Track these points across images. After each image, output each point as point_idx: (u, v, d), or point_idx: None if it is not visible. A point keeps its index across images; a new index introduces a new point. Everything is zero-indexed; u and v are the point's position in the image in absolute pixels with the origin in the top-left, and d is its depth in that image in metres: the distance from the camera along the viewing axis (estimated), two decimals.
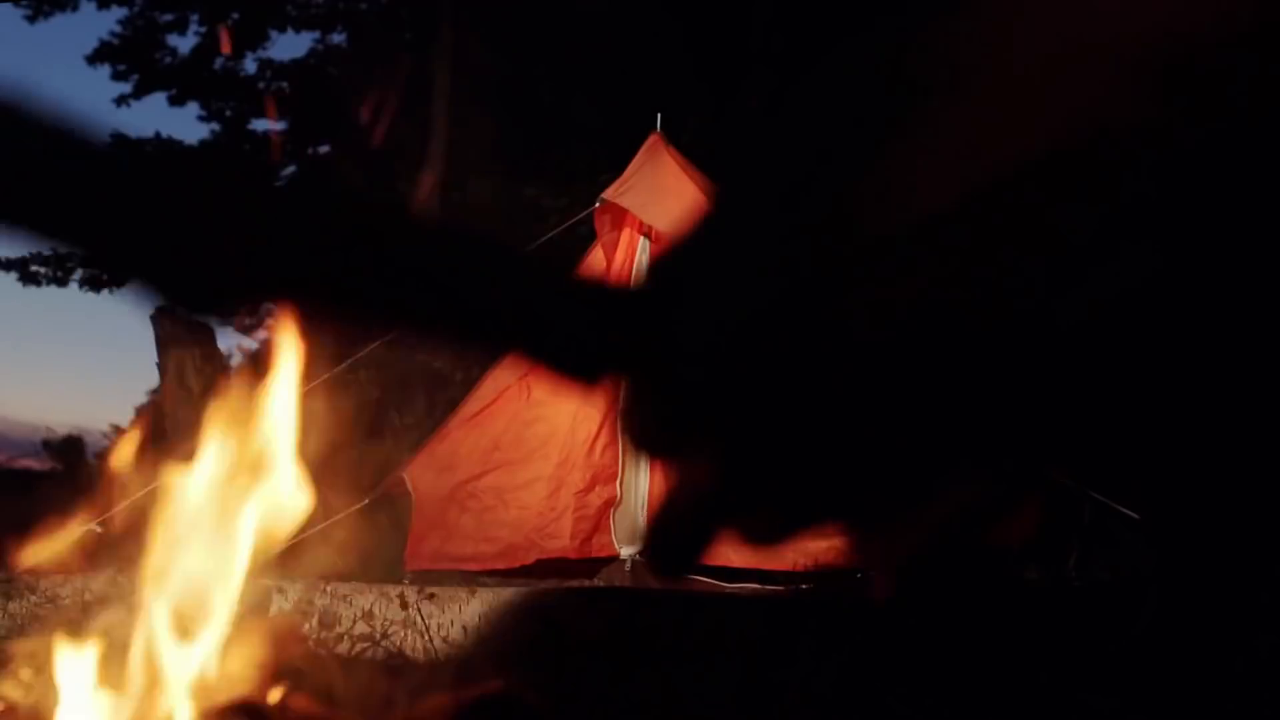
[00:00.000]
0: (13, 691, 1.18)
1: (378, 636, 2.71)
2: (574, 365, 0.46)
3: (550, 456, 5.03)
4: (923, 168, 0.37)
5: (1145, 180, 0.36)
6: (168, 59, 14.84)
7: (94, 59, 14.60)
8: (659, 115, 5.17)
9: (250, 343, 18.06)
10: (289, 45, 60.05)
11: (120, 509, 4.83)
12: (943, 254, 0.37)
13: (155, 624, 1.10)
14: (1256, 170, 0.36)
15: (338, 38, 15.26)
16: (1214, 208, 0.37)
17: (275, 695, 1.10)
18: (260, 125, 15.81)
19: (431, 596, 3.09)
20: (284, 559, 1.65)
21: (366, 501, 5.16)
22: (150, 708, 1.08)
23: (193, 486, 1.15)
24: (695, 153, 5.52)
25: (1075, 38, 0.36)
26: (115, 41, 14.52)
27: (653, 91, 6.73)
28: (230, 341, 19.16)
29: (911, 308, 0.38)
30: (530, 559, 4.92)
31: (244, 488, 1.19)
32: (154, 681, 1.09)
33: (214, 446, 1.13)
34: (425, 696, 1.13)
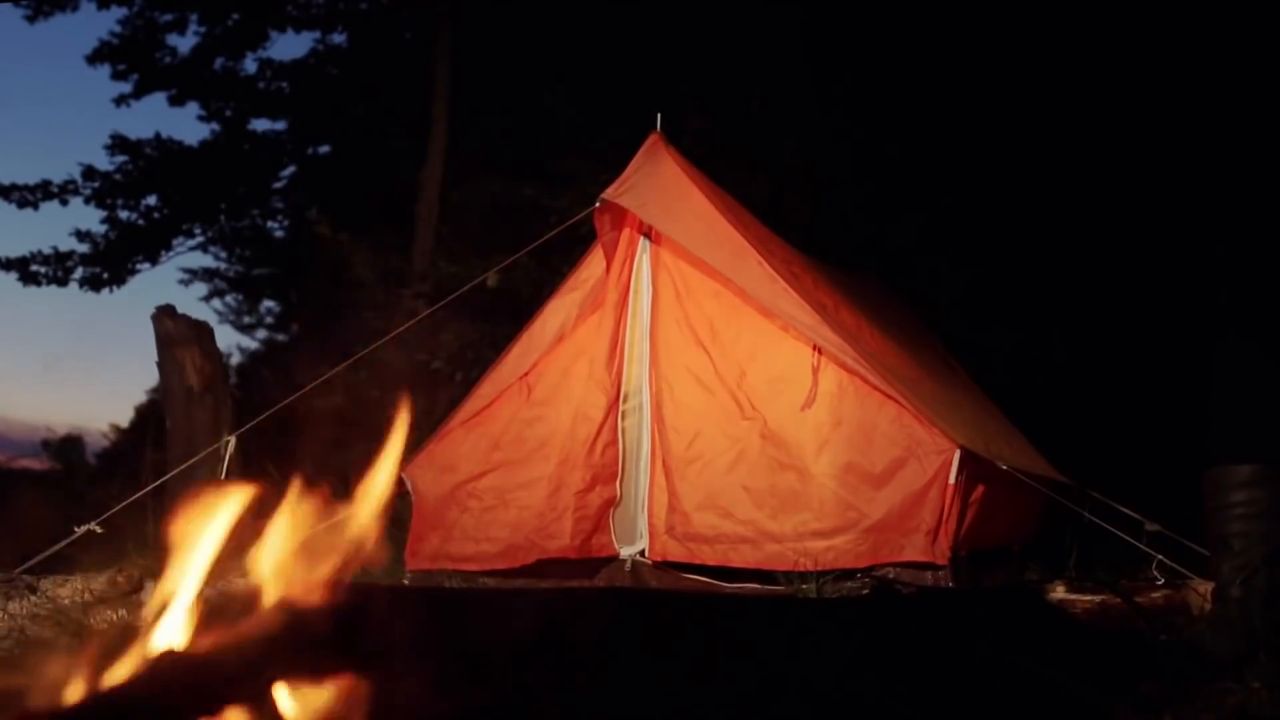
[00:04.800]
0: None
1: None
2: None
3: (550, 456, 5.02)
4: None
5: None
6: (168, 59, 14.82)
7: (94, 59, 14.58)
8: (659, 115, 5.16)
9: (250, 342, 17.85)
10: (289, 45, 59.96)
11: (120, 508, 4.82)
12: None
13: None
14: None
15: (338, 38, 15.24)
16: None
17: None
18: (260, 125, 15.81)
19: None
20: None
21: None
22: None
23: None
24: (695, 153, 5.52)
25: None
26: (115, 41, 14.50)
27: (653, 91, 6.72)
28: (230, 341, 19.07)
29: None
30: (530, 559, 4.92)
31: None
32: None
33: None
34: (431, 699, 1.14)
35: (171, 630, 1.31)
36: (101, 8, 14.00)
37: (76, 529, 4.54)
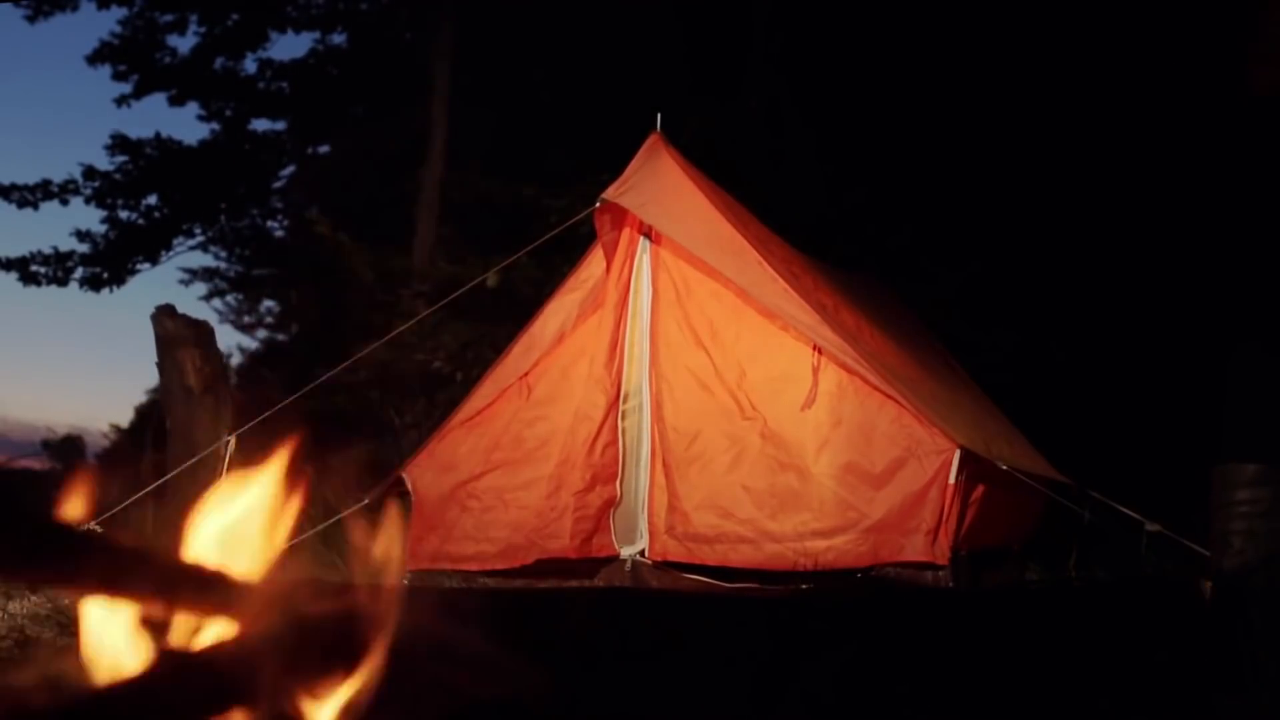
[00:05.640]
0: None
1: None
2: None
3: (550, 456, 5.02)
4: None
5: None
6: (168, 59, 14.82)
7: (94, 59, 14.59)
8: (659, 115, 5.16)
9: (250, 342, 17.85)
10: (289, 45, 59.93)
11: (121, 508, 4.82)
12: None
13: None
14: None
15: (338, 38, 15.25)
16: None
17: None
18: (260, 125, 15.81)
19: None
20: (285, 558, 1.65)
21: (366, 501, 5.15)
22: None
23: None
24: (695, 153, 5.52)
25: None
26: (115, 41, 14.51)
27: (653, 91, 6.72)
28: (230, 341, 19.07)
29: None
30: (530, 559, 4.92)
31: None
32: None
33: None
34: (431, 699, 1.13)
35: (175, 630, 1.31)
36: (101, 8, 14.02)
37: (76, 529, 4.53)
